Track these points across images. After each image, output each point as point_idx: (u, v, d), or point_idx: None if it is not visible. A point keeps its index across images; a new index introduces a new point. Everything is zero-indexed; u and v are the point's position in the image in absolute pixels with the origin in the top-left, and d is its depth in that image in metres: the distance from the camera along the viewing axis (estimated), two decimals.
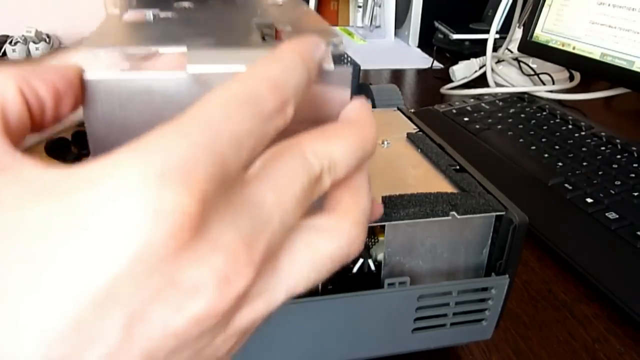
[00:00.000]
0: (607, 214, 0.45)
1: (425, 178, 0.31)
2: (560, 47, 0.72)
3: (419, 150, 0.35)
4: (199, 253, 0.12)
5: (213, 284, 0.13)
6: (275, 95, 0.14)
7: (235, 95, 0.14)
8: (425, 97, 0.86)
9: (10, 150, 0.14)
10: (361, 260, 0.28)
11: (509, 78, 0.84)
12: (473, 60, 0.90)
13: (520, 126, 0.64)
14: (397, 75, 0.98)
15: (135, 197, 0.11)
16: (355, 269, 0.28)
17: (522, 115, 0.68)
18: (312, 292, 0.27)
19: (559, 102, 0.76)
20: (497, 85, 0.84)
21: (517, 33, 0.88)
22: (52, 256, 0.11)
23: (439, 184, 0.30)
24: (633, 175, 0.50)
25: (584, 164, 0.53)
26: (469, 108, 0.71)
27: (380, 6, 1.22)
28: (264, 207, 0.14)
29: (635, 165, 0.52)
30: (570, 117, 0.65)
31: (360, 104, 0.18)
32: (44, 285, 0.11)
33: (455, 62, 0.91)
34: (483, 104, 0.73)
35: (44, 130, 0.16)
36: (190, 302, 0.13)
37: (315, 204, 0.16)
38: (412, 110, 0.72)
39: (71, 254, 0.11)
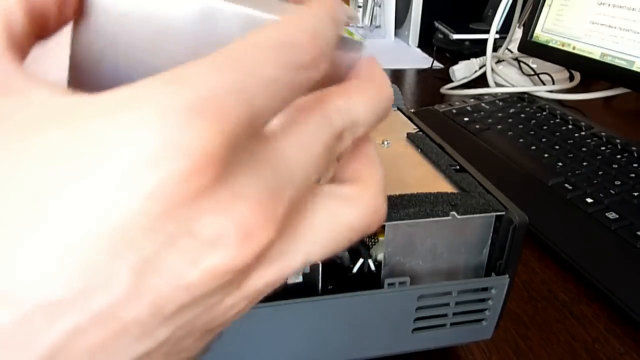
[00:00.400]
0: (607, 214, 0.45)
1: (425, 178, 0.31)
2: (560, 47, 0.72)
3: (419, 150, 0.35)
4: (220, 201, 0.11)
5: (234, 237, 0.12)
6: (313, 47, 0.14)
7: (272, 40, 0.13)
8: (425, 97, 0.86)
9: (18, 71, 0.13)
10: (361, 260, 0.28)
11: (509, 78, 0.84)
12: (473, 60, 0.90)
13: (520, 126, 0.64)
14: (397, 75, 0.98)
15: (155, 130, 0.10)
16: (355, 269, 0.28)
17: (522, 115, 0.68)
18: (312, 292, 0.27)
19: (559, 102, 0.76)
20: (497, 85, 0.84)
21: (517, 33, 0.88)
22: (60, 190, 0.10)
23: (439, 184, 0.30)
24: (633, 175, 0.50)
25: (584, 164, 0.53)
26: (469, 108, 0.71)
27: (380, 6, 1.22)
28: (288, 162, 0.13)
29: (635, 165, 0.52)
30: (570, 117, 0.65)
31: (371, 62, 0.18)
32: (49, 221, 0.10)
33: (455, 62, 0.91)
34: (483, 104, 0.73)
35: (47, 38, 0.15)
36: (207, 255, 0.11)
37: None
38: (412, 110, 0.72)
39: (81, 188, 0.10)
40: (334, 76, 0.17)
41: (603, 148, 0.57)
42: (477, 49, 0.98)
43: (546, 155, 0.56)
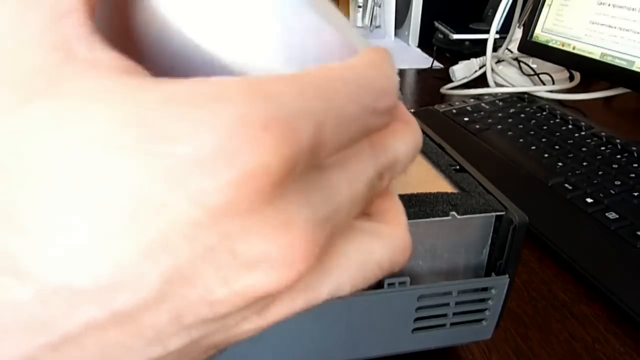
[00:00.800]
0: (607, 214, 0.45)
1: (425, 178, 0.31)
2: (560, 47, 0.72)
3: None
4: (269, 224, 0.11)
5: (274, 263, 0.11)
6: (392, 96, 0.14)
7: (361, 79, 0.13)
8: (425, 97, 0.86)
9: (90, 37, 0.12)
10: None
11: (509, 78, 0.84)
12: (473, 60, 0.90)
13: (520, 126, 0.64)
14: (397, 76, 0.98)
15: (225, 136, 0.10)
16: None
17: (522, 115, 0.68)
18: None
19: (559, 102, 0.76)
20: (497, 85, 0.84)
21: (517, 33, 0.88)
22: (108, 174, 0.10)
23: (439, 184, 0.30)
24: (633, 175, 0.50)
25: (584, 164, 0.53)
26: (469, 108, 0.71)
27: (380, 6, 1.22)
28: (337, 192, 0.13)
29: (635, 165, 0.52)
30: (570, 117, 0.65)
31: (401, 105, 0.18)
32: (92, 206, 0.10)
33: (455, 62, 0.91)
34: (483, 104, 0.73)
35: None
36: (242, 276, 0.11)
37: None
38: (412, 110, 0.72)
39: (134, 177, 0.10)
40: None
41: (603, 148, 0.57)
42: (477, 49, 0.99)
43: (546, 155, 0.56)
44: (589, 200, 0.47)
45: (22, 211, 0.10)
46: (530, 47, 0.77)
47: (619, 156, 0.55)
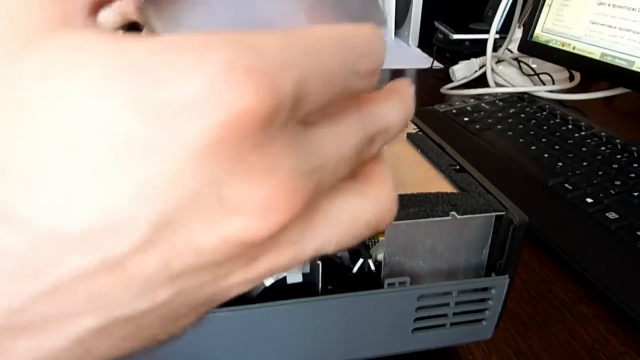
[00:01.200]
0: (607, 214, 0.45)
1: (425, 178, 0.31)
2: (560, 47, 0.72)
3: (419, 150, 0.35)
4: (253, 169, 0.11)
5: (257, 209, 0.11)
6: (373, 58, 0.14)
7: (345, 39, 0.13)
8: (425, 97, 0.86)
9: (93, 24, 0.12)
10: (361, 260, 0.28)
11: (509, 78, 0.84)
12: (473, 60, 0.90)
13: (520, 126, 0.64)
14: (397, 75, 0.98)
15: (211, 80, 0.10)
16: (355, 269, 0.28)
17: (522, 115, 0.68)
18: (312, 292, 0.27)
19: (559, 102, 0.76)
20: (497, 85, 0.84)
21: (517, 33, 0.88)
22: (98, 121, 0.10)
23: (439, 184, 0.30)
24: (633, 175, 0.50)
25: (584, 164, 0.53)
26: (469, 108, 0.71)
27: None
28: (322, 151, 0.13)
29: (635, 165, 0.52)
30: (570, 117, 0.65)
31: (402, 80, 0.18)
32: (83, 153, 0.10)
33: (455, 62, 0.91)
34: (483, 104, 0.73)
35: None
36: (227, 221, 0.11)
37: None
38: None
39: (122, 123, 0.10)
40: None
41: (603, 148, 0.57)
42: (477, 49, 0.98)
43: (546, 155, 0.56)
44: (589, 200, 0.47)
45: (13, 158, 0.10)
46: (530, 47, 0.77)
47: (619, 156, 0.55)
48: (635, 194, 0.47)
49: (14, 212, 0.10)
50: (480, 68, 0.89)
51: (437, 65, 1.02)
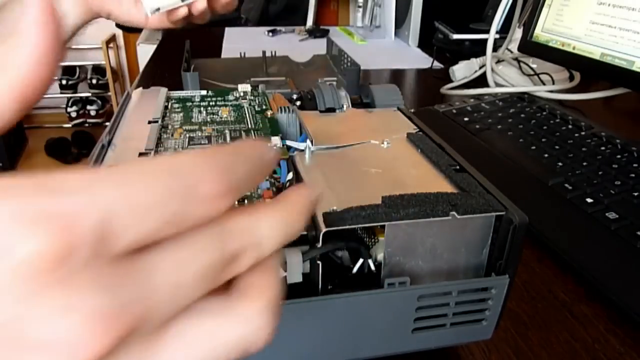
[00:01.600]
0: (607, 214, 0.45)
1: (425, 178, 0.31)
2: (560, 47, 0.72)
3: (419, 150, 0.35)
4: (53, 305, 0.12)
5: (60, 346, 0.12)
6: (216, 183, 0.14)
7: (169, 167, 0.14)
8: (425, 97, 0.86)
9: None
10: (361, 260, 0.28)
11: (509, 78, 0.84)
12: (473, 60, 0.90)
13: (520, 126, 0.64)
14: (397, 75, 0.98)
15: (2, 231, 0.11)
16: (355, 269, 0.28)
17: (522, 115, 0.68)
18: (312, 292, 0.27)
19: (559, 102, 0.76)
20: (497, 85, 0.84)
21: (517, 33, 0.88)
22: None
23: (439, 184, 0.30)
24: (633, 175, 0.50)
25: (584, 164, 0.53)
26: (469, 108, 0.71)
27: (380, 6, 1.22)
28: (151, 278, 0.13)
29: (635, 165, 0.52)
30: (570, 117, 0.65)
31: (300, 187, 0.18)
32: None
33: (455, 62, 0.91)
34: (483, 104, 0.73)
35: None
36: (31, 358, 0.12)
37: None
38: (412, 110, 0.72)
39: None
40: None
41: (603, 148, 0.57)
42: (477, 49, 0.98)
43: (546, 155, 0.56)
44: (589, 200, 0.47)
45: None
46: (530, 47, 0.77)
47: (619, 156, 0.55)
48: (635, 194, 0.47)
49: None
50: (480, 68, 0.89)
51: (437, 65, 1.02)
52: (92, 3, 0.57)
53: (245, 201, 0.27)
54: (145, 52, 1.57)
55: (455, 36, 1.03)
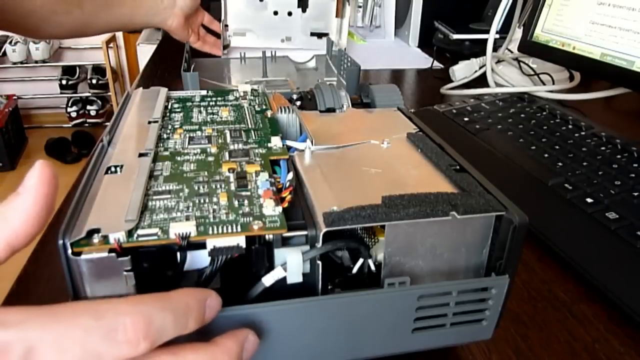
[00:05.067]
0: (607, 214, 0.45)
1: (425, 178, 0.31)
2: (560, 47, 0.72)
3: (419, 150, 0.35)
4: None
5: None
6: (136, 325, 0.16)
7: (89, 310, 0.16)
8: (425, 97, 0.86)
9: None
10: (361, 260, 0.28)
11: (509, 78, 0.84)
12: (473, 60, 0.90)
13: (520, 126, 0.64)
14: (397, 75, 0.98)
15: None
16: (355, 269, 0.28)
17: (522, 115, 0.68)
18: (312, 292, 0.27)
19: (559, 102, 0.76)
20: (497, 85, 0.84)
21: (517, 33, 0.88)
22: None
23: (439, 184, 0.30)
24: (633, 175, 0.50)
25: (584, 164, 0.53)
26: (469, 108, 0.71)
27: (380, 6, 1.22)
28: None
29: (635, 165, 0.52)
30: (570, 117, 0.65)
31: (236, 335, 0.23)
32: None
33: (455, 62, 0.91)
34: (483, 104, 0.73)
35: None
36: None
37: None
38: (412, 110, 0.72)
39: None
40: None
41: (603, 148, 0.57)
42: (477, 49, 0.98)
43: (546, 155, 0.56)
44: (589, 200, 0.47)
45: None
46: (530, 47, 0.77)
47: (619, 156, 0.55)
48: (635, 194, 0.47)
49: None
50: (480, 68, 0.89)
51: (437, 65, 1.02)
52: None
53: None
54: (145, 52, 1.57)
55: (455, 36, 1.03)
